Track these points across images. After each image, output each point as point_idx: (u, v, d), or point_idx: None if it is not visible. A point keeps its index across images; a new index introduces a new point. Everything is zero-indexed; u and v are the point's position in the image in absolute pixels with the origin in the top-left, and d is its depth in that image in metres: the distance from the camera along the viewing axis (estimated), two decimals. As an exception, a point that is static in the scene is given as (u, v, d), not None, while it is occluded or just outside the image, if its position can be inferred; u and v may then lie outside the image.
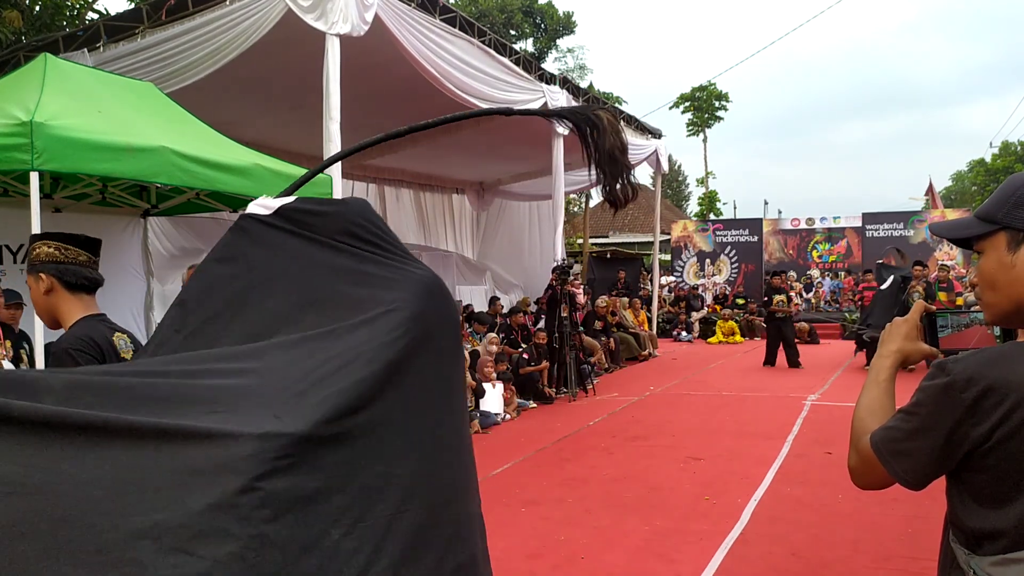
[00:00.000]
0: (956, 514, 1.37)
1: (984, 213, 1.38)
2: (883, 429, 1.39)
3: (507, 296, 15.39)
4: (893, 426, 1.37)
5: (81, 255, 2.38)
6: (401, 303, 1.32)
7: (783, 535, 4.65)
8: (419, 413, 1.29)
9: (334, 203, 1.50)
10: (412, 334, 1.29)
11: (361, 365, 1.21)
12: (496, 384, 8.90)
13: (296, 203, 1.45)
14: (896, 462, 1.35)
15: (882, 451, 1.36)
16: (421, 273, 1.40)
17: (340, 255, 1.40)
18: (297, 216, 1.43)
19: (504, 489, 5.85)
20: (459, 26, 8.51)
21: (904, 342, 1.52)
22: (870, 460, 1.39)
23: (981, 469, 1.29)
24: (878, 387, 1.50)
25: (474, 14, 27.78)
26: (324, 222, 1.43)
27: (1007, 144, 40.41)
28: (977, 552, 1.32)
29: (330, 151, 6.75)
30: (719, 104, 36.37)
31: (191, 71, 7.17)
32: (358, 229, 1.43)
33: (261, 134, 9.98)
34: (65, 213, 7.04)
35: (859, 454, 1.44)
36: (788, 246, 21.16)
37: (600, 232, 34.15)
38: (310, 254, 1.41)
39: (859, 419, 1.47)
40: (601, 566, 4.24)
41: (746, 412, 8.76)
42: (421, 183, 15.32)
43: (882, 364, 1.52)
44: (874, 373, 1.52)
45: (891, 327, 1.56)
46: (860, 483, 1.47)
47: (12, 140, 4.40)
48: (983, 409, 1.25)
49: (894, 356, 1.52)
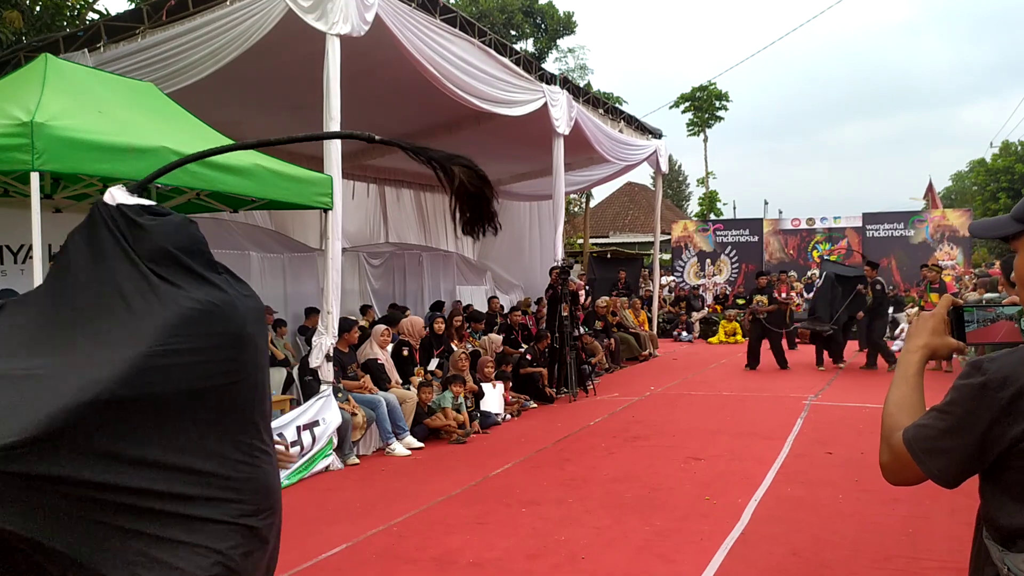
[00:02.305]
0: (990, 512, 1.37)
1: (1018, 213, 1.43)
2: (916, 427, 1.38)
3: (507, 296, 15.39)
4: (927, 424, 1.36)
5: None
6: (131, 346, 1.28)
7: (783, 535, 4.65)
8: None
9: (156, 218, 1.42)
10: (111, 383, 1.24)
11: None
12: (496, 384, 8.90)
13: (131, 207, 1.40)
14: (930, 460, 1.34)
15: (915, 449, 1.36)
16: (191, 306, 1.35)
17: (134, 276, 1.36)
18: (126, 220, 1.39)
19: (504, 489, 5.85)
20: (459, 26, 8.51)
21: (931, 337, 1.51)
22: (903, 457, 1.38)
23: (1016, 468, 1.29)
24: (907, 382, 1.49)
25: (474, 14, 27.79)
26: (140, 237, 1.39)
27: (1007, 144, 40.36)
28: (1012, 549, 1.32)
29: (331, 151, 6.76)
30: (719, 104, 36.34)
31: (191, 71, 7.17)
32: (168, 252, 1.38)
33: (261, 134, 9.97)
34: (65, 213, 7.04)
35: (891, 450, 1.42)
36: (788, 246, 21.16)
37: (600, 232, 34.15)
38: (115, 269, 1.37)
39: (889, 415, 1.46)
40: (601, 566, 4.24)
41: (746, 412, 8.76)
42: (422, 183, 15.32)
43: (910, 359, 1.51)
44: (903, 368, 1.51)
45: (918, 321, 1.55)
46: (892, 479, 1.45)
47: (12, 140, 4.41)
48: (1019, 409, 1.25)
49: (922, 351, 1.50)
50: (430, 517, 5.21)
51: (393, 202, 14.88)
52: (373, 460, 6.99)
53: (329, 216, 6.64)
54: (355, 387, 7.30)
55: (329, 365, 6.78)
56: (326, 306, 6.81)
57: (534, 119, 10.22)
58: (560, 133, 10.63)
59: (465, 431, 7.78)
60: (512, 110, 9.70)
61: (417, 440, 7.37)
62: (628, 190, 37.96)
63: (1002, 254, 17.95)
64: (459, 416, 7.87)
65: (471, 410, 8.24)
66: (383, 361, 7.95)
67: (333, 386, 6.80)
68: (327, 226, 6.69)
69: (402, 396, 7.58)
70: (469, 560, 4.39)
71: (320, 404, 6.56)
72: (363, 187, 13.98)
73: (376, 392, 7.43)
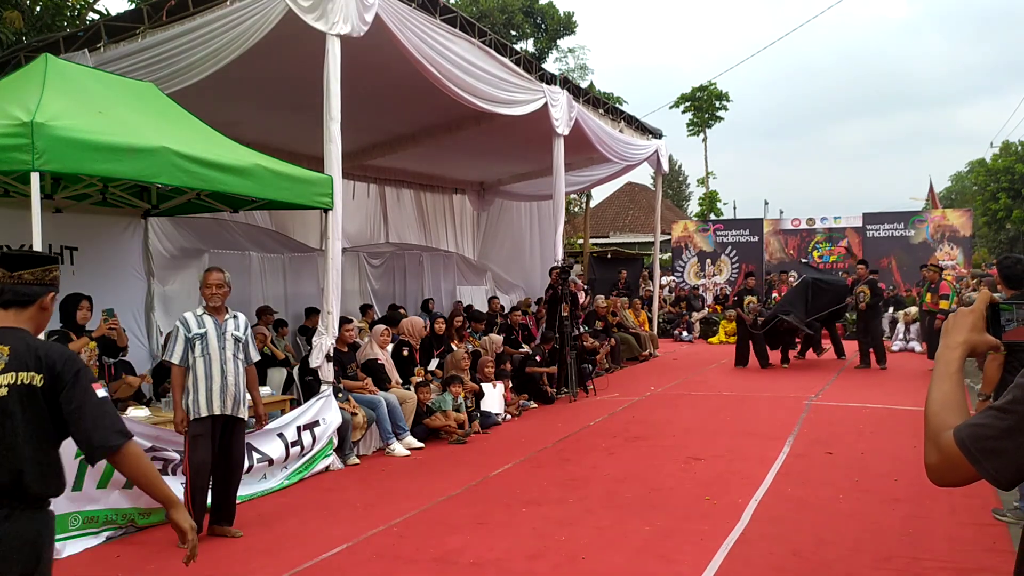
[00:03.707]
0: None
1: None
2: (971, 426, 1.33)
3: (508, 296, 15.38)
4: (984, 423, 1.32)
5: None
6: None
7: (784, 535, 4.65)
8: None
9: None
10: None
11: None
12: (496, 384, 8.90)
13: None
14: (987, 461, 1.30)
15: (971, 449, 1.31)
16: None
17: None
18: None
19: (505, 489, 5.85)
20: (459, 26, 8.50)
21: (971, 333, 1.47)
22: (954, 457, 1.33)
23: None
24: (950, 379, 1.44)
25: (475, 14, 27.79)
26: None
27: (1007, 144, 40.32)
28: None
29: (331, 151, 6.74)
30: (719, 104, 36.29)
31: (192, 71, 7.16)
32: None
33: (261, 134, 9.96)
34: (66, 213, 7.05)
35: (940, 451, 1.37)
36: (789, 246, 21.15)
37: (600, 232, 34.15)
38: None
39: (934, 414, 1.41)
40: (602, 566, 4.24)
41: (747, 412, 8.76)
42: (422, 183, 15.30)
43: (951, 356, 1.47)
44: (943, 365, 1.47)
45: (956, 317, 1.51)
46: (939, 481, 1.40)
47: (13, 140, 4.41)
48: None
49: (962, 347, 1.47)
50: (430, 517, 5.21)
51: (393, 202, 14.85)
52: (373, 460, 6.99)
53: (329, 216, 6.64)
54: (355, 387, 7.30)
55: (329, 365, 6.79)
56: (326, 306, 6.80)
57: (534, 119, 10.21)
58: (560, 133, 10.63)
59: (465, 431, 7.78)
60: (512, 110, 9.70)
61: (417, 440, 7.37)
62: (628, 190, 37.97)
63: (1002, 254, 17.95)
64: (459, 416, 7.87)
65: (471, 410, 8.24)
66: (383, 361, 7.95)
67: (333, 386, 6.80)
68: (327, 226, 6.69)
69: (402, 396, 7.58)
70: (469, 560, 4.39)
71: (320, 404, 6.56)
72: (363, 187, 13.95)
73: (376, 392, 7.43)
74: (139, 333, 8.05)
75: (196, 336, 4.88)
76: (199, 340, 4.88)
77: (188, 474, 4.88)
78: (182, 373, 4.88)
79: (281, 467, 6.16)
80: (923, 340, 13.64)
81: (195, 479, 4.82)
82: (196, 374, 4.85)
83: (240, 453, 5.13)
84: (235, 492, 5.06)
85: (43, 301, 2.35)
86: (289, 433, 6.22)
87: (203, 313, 4.96)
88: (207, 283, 4.95)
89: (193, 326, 4.90)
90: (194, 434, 4.83)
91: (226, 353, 4.92)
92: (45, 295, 2.35)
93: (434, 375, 8.66)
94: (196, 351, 4.87)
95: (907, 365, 12.42)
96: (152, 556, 4.59)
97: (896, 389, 10.00)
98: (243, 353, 5.05)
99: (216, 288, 4.93)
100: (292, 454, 6.21)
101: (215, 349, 4.89)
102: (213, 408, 4.85)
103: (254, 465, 5.89)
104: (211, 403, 4.84)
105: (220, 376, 4.87)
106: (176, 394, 4.89)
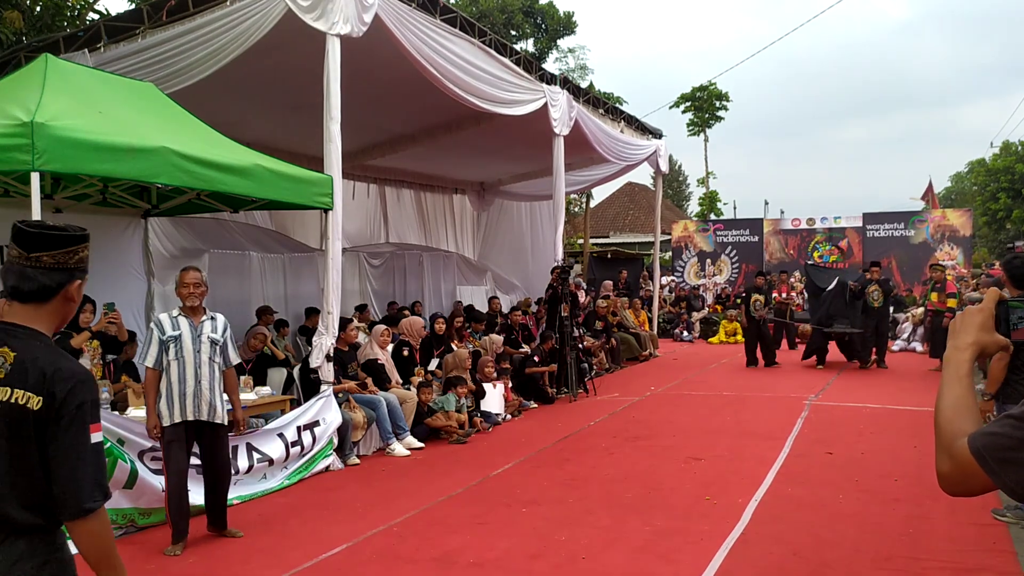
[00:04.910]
0: None
1: None
2: (987, 435, 1.27)
3: (508, 296, 15.37)
4: (1001, 432, 1.25)
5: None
6: None
7: (784, 535, 4.65)
8: None
9: None
10: None
11: None
12: (496, 384, 8.90)
13: None
14: (1005, 472, 1.24)
15: (987, 459, 1.25)
16: None
17: None
18: None
19: (505, 489, 5.85)
20: (459, 26, 8.50)
21: (981, 333, 1.41)
22: (968, 467, 1.27)
23: None
24: (960, 383, 1.37)
25: (474, 14, 27.78)
26: None
27: (1007, 144, 40.31)
28: None
29: (331, 151, 6.74)
30: (719, 104, 36.30)
31: (192, 71, 7.16)
32: None
33: (261, 134, 9.97)
34: (66, 214, 7.04)
35: (954, 459, 1.30)
36: (789, 246, 21.15)
37: (600, 232, 34.15)
38: None
39: (947, 420, 1.34)
40: (602, 566, 4.24)
41: (747, 412, 8.75)
42: (422, 183, 15.30)
43: (961, 358, 1.39)
44: (953, 368, 1.39)
45: (964, 317, 1.44)
46: (952, 490, 1.33)
47: (13, 140, 4.41)
48: None
49: (972, 348, 1.40)
50: (430, 517, 5.21)
51: (393, 202, 14.85)
52: (373, 460, 6.99)
53: (329, 216, 6.64)
54: (347, 389, 7.22)
55: (329, 365, 6.78)
56: (326, 306, 6.80)
57: (534, 119, 10.21)
58: (559, 133, 10.63)
59: (465, 431, 7.78)
60: (512, 110, 9.70)
61: (417, 440, 7.37)
62: (628, 190, 37.98)
63: (1002, 254, 17.94)
64: (460, 416, 7.87)
65: (471, 410, 8.24)
66: (383, 361, 7.95)
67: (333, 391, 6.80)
68: (327, 226, 6.69)
69: (402, 396, 7.58)
70: (469, 560, 4.38)
71: (320, 404, 6.56)
72: (363, 187, 13.95)
73: (377, 392, 7.43)
74: (139, 333, 8.04)
75: (170, 338, 4.70)
76: (173, 343, 4.70)
77: (166, 480, 4.77)
78: (156, 376, 4.69)
79: (281, 467, 6.16)
80: (926, 340, 13.62)
81: (173, 486, 4.69)
82: (169, 378, 4.68)
83: (224, 459, 4.98)
84: (224, 497, 4.96)
85: (68, 291, 1.92)
86: (289, 433, 6.22)
87: (179, 315, 4.79)
88: (183, 283, 4.78)
89: (167, 328, 4.72)
90: (168, 440, 4.68)
91: (201, 356, 4.73)
92: (70, 283, 1.92)
93: (434, 375, 8.66)
94: (170, 354, 4.69)
95: (907, 365, 12.42)
96: (152, 556, 4.59)
97: (896, 389, 10.01)
98: (220, 356, 4.85)
99: (193, 288, 4.77)
100: (292, 454, 6.21)
101: (190, 352, 4.71)
102: (186, 414, 4.68)
103: (254, 465, 5.89)
104: (184, 409, 4.68)
105: (194, 380, 4.69)
106: (149, 398, 4.69)
